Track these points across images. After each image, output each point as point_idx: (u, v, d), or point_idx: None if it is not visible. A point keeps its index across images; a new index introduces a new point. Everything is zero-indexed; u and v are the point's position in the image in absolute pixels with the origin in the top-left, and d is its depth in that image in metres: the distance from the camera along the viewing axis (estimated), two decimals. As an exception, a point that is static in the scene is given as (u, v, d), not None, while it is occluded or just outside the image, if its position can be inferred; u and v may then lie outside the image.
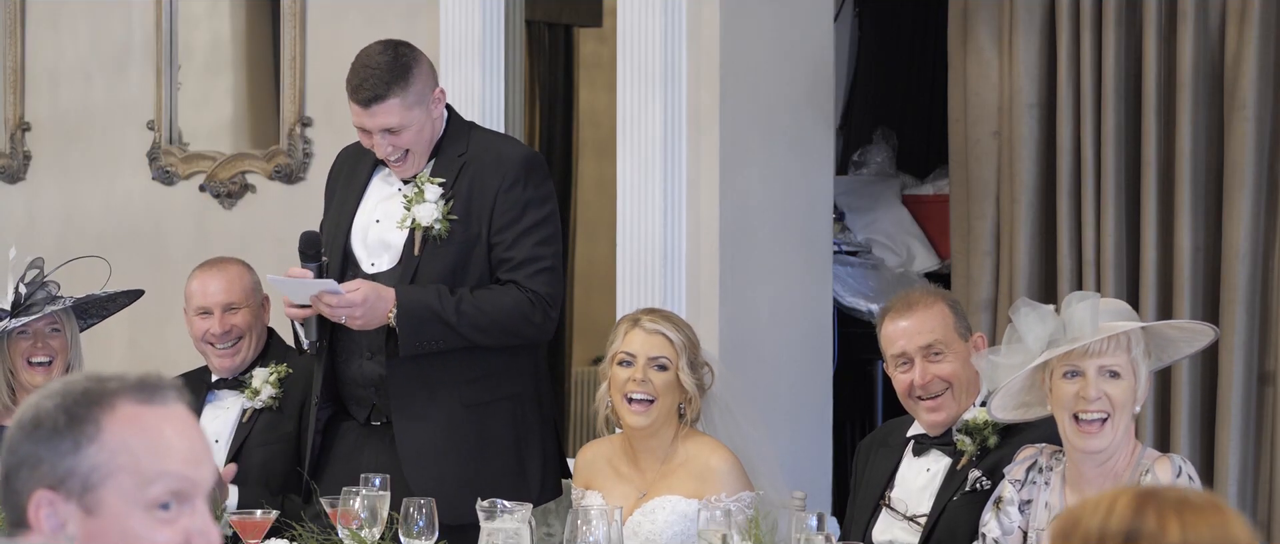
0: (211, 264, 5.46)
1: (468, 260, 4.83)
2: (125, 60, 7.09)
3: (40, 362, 5.38)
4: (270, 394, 5.27)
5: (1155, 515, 2.21)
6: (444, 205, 4.82)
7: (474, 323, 4.77)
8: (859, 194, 7.50)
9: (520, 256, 4.81)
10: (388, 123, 4.77)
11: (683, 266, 5.80)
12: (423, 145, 4.85)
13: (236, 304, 5.33)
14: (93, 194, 7.15)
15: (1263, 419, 5.42)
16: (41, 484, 2.41)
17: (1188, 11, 5.47)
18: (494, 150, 4.92)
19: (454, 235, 4.82)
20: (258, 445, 5.24)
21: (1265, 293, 5.43)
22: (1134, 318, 4.11)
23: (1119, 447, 4.03)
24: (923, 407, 4.53)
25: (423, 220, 4.82)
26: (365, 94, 4.76)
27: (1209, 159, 5.50)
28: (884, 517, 4.56)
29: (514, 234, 4.82)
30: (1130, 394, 4.00)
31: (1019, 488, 4.19)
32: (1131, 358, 4.01)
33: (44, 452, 2.41)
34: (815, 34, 6.09)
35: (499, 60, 6.20)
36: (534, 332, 4.85)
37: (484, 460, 4.81)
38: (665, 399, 4.69)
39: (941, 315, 4.55)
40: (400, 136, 4.80)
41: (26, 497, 2.41)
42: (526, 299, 4.79)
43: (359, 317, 4.73)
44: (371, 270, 4.89)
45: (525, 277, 4.80)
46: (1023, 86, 5.74)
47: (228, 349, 5.32)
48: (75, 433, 2.41)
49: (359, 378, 4.91)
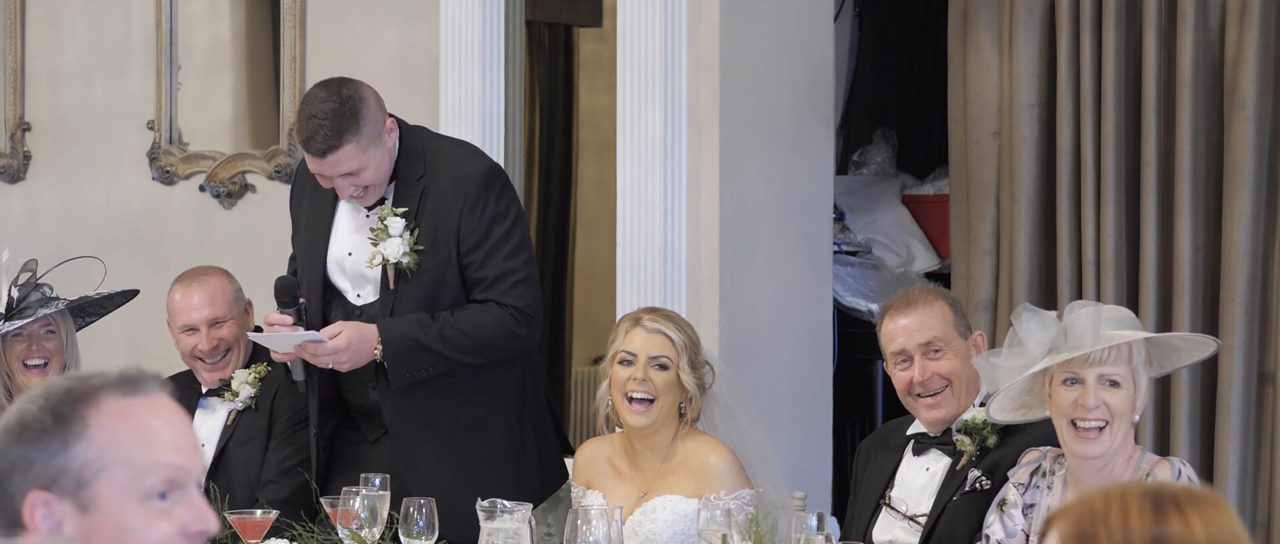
0: (192, 277, 5.40)
1: (441, 285, 4.84)
2: (125, 60, 7.08)
3: (36, 364, 5.38)
4: (249, 394, 5.28)
5: (1177, 517, 2.20)
6: (410, 237, 4.82)
7: (459, 346, 4.79)
8: (859, 194, 7.50)
9: (493, 274, 4.81)
10: (346, 168, 4.76)
11: (683, 266, 5.80)
12: (382, 177, 4.85)
13: (221, 318, 5.31)
14: (93, 194, 7.14)
15: (1263, 419, 5.42)
16: (34, 485, 2.40)
17: (1188, 11, 5.46)
18: (452, 168, 4.89)
19: (423, 265, 4.83)
20: (239, 444, 5.26)
21: (1265, 293, 5.43)
22: (1136, 326, 4.11)
23: (1116, 452, 4.03)
24: (922, 404, 4.53)
25: (391, 256, 4.82)
26: (318, 146, 4.73)
27: (1209, 159, 5.49)
28: (884, 516, 4.56)
29: (483, 253, 4.82)
30: (1129, 403, 4.00)
31: (1023, 491, 4.19)
32: (1132, 367, 4.01)
33: (34, 454, 2.40)
34: (815, 34, 6.09)
35: (499, 60, 6.20)
36: (520, 345, 4.87)
37: (485, 472, 4.84)
38: (666, 399, 4.69)
39: (941, 313, 4.55)
40: (360, 176, 4.80)
41: (20, 500, 2.40)
42: (508, 315, 4.81)
43: (345, 361, 4.76)
44: (359, 302, 4.91)
45: (501, 293, 4.81)
46: (1023, 86, 5.74)
47: (217, 363, 5.32)
48: (63, 431, 2.41)
49: (369, 407, 4.94)
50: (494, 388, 4.89)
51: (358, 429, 5.00)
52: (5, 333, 5.34)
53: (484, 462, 4.84)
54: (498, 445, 4.87)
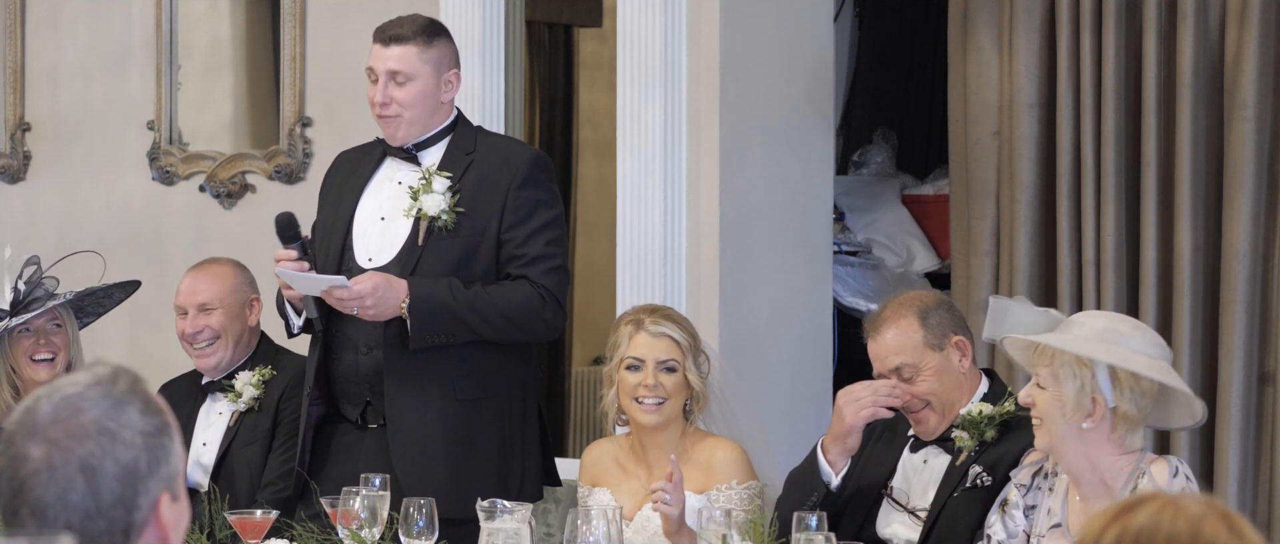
0: (200, 264, 5.51)
1: (473, 255, 4.83)
2: (125, 60, 7.08)
3: (44, 358, 5.39)
4: (252, 396, 5.29)
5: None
6: (452, 198, 4.83)
7: (486, 317, 4.77)
8: (859, 194, 7.50)
9: (532, 253, 4.82)
10: (397, 65, 4.84)
11: (683, 266, 5.80)
12: (419, 113, 4.87)
13: (210, 305, 5.34)
14: (93, 194, 7.15)
15: (1263, 419, 5.42)
16: (162, 487, 2.39)
17: (1188, 11, 5.46)
18: (502, 151, 4.94)
19: (460, 228, 4.83)
20: (242, 446, 5.27)
21: (1265, 293, 5.43)
22: (1132, 341, 4.07)
23: (1075, 448, 4.04)
24: (910, 418, 4.58)
25: (429, 210, 4.83)
26: (389, 32, 4.88)
27: (1209, 159, 5.49)
28: (885, 507, 4.57)
29: (526, 231, 4.82)
30: (1056, 406, 4.01)
31: (1025, 492, 4.20)
32: (1057, 373, 4.02)
33: (160, 454, 2.40)
34: (815, 34, 6.09)
35: (499, 60, 6.21)
36: (543, 328, 4.85)
37: (471, 457, 4.82)
38: (676, 398, 4.76)
39: (907, 334, 4.53)
40: (403, 89, 4.84)
41: (154, 500, 2.39)
42: (538, 295, 4.80)
43: (370, 306, 4.73)
44: (368, 265, 4.88)
45: (538, 273, 4.81)
46: (1023, 86, 5.74)
47: (202, 349, 5.34)
48: (170, 431, 2.43)
49: (351, 374, 4.90)
50: (497, 373, 4.87)
51: (344, 418, 4.97)
52: (13, 328, 5.35)
53: (471, 446, 4.82)
54: (488, 431, 4.85)
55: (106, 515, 2.35)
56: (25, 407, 2.41)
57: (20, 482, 2.35)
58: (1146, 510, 2.23)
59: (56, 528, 2.33)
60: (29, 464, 2.35)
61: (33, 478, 2.35)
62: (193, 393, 5.40)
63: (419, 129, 4.89)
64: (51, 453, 2.35)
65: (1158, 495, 2.26)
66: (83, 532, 2.34)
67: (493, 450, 4.85)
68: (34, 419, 2.38)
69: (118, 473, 2.35)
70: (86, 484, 2.34)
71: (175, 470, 2.41)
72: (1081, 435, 4.01)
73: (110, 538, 2.35)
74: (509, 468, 4.87)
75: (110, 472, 2.35)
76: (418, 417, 4.80)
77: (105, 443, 2.36)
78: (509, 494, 4.55)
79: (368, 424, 4.91)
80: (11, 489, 2.36)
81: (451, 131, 4.94)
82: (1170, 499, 2.24)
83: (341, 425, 4.97)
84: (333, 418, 4.98)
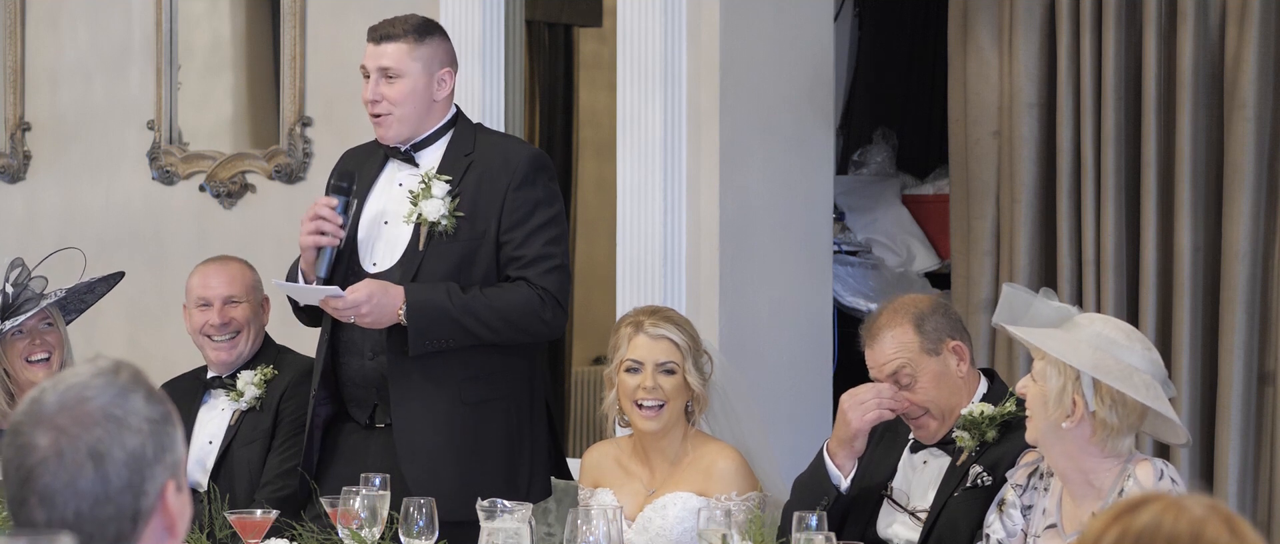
0: (214, 260, 5.51)
1: (473, 258, 4.83)
2: (125, 60, 7.09)
3: (39, 359, 5.38)
4: (254, 395, 5.30)
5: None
6: (451, 202, 4.82)
7: (484, 320, 4.77)
8: (859, 194, 7.50)
9: (531, 254, 4.81)
10: (389, 62, 4.85)
11: (683, 266, 5.80)
12: (409, 111, 4.87)
13: (237, 298, 5.36)
14: (93, 194, 7.15)
15: (1263, 419, 5.42)
16: (168, 475, 2.40)
17: (1188, 11, 5.46)
18: (501, 150, 4.93)
19: (460, 232, 4.82)
20: (243, 445, 5.27)
21: (1265, 293, 5.43)
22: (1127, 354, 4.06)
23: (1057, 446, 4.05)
24: (910, 424, 4.58)
25: (429, 215, 4.83)
26: (381, 31, 4.89)
27: (1209, 159, 5.50)
28: (886, 508, 4.57)
29: (524, 232, 4.82)
30: (1040, 401, 4.02)
31: (1021, 492, 4.20)
32: (1046, 368, 4.03)
33: (165, 442, 2.40)
34: (815, 34, 6.09)
35: (499, 60, 6.21)
36: (544, 329, 4.85)
37: (478, 459, 4.81)
38: (676, 401, 4.74)
39: (902, 340, 4.51)
40: (393, 86, 4.85)
41: (162, 487, 2.40)
42: (536, 296, 4.79)
43: (366, 314, 4.73)
44: (373, 270, 4.88)
45: (536, 274, 4.81)
46: (1023, 86, 5.74)
47: (226, 342, 5.34)
48: (174, 420, 2.43)
49: (358, 378, 4.91)
50: (501, 374, 4.87)
51: (352, 418, 4.98)
52: (5, 331, 5.35)
53: (478, 448, 4.82)
54: (495, 433, 4.85)
55: (115, 501, 2.35)
56: (31, 398, 2.41)
57: (28, 470, 2.36)
58: (1149, 511, 2.23)
59: (65, 515, 2.34)
60: (37, 452, 2.35)
61: (41, 466, 2.35)
62: (193, 392, 5.39)
63: (411, 128, 4.89)
64: (59, 440, 2.35)
65: (1161, 496, 2.26)
66: (92, 518, 2.34)
67: (500, 453, 4.85)
68: (40, 409, 2.38)
69: (125, 459, 2.36)
70: (95, 470, 2.35)
71: (179, 460, 2.41)
72: (1061, 434, 4.02)
73: (118, 524, 2.36)
74: (517, 470, 4.87)
75: (118, 458, 2.35)
76: (424, 422, 4.80)
77: (113, 429, 2.36)
78: (518, 496, 4.55)
79: (376, 424, 4.92)
80: (19, 478, 2.36)
81: (450, 131, 4.93)
82: (1173, 500, 2.24)
83: (348, 425, 4.98)
84: (340, 417, 4.99)
